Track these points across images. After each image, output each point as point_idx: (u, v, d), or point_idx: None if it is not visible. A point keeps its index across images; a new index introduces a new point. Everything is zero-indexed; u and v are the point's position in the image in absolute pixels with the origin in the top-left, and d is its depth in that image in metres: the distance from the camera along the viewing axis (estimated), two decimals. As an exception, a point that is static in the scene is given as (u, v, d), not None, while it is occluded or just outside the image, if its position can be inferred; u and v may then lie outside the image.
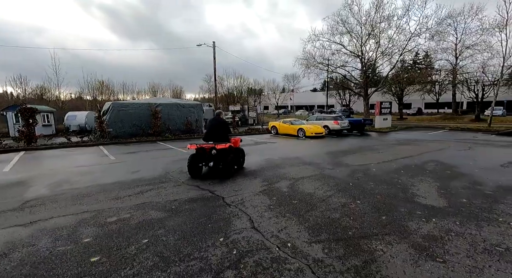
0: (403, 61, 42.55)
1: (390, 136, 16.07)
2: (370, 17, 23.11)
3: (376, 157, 8.94)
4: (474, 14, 28.11)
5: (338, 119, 18.22)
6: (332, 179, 5.99)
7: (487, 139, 13.92)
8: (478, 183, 5.53)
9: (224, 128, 6.70)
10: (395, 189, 5.14)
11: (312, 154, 9.86)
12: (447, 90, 37.37)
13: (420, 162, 8.01)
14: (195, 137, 16.56)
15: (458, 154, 9.41)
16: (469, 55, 31.77)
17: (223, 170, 6.26)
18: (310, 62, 26.17)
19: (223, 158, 6.25)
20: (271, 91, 69.67)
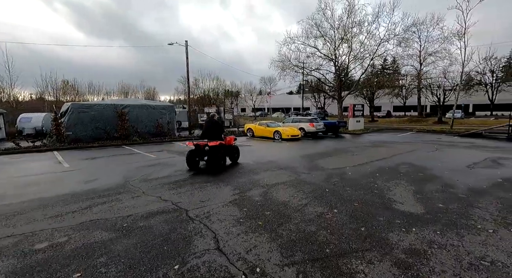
0: (373, 66, 44.68)
1: (364, 138, 16.40)
2: (343, 22, 23.74)
3: (351, 160, 8.85)
4: (435, 23, 30.18)
5: (313, 121, 18.28)
6: (308, 185, 5.66)
7: (450, 140, 14.69)
8: (450, 185, 5.52)
9: (217, 128, 7.75)
10: (372, 195, 4.91)
11: (288, 157, 9.56)
12: (413, 94, 39.72)
13: (394, 164, 8.03)
14: (167, 141, 15.60)
15: (427, 155, 9.66)
16: (432, 61, 34.11)
17: (214, 164, 7.32)
18: (286, 64, 26.27)
19: (215, 153, 7.29)
20: (248, 94, 69.56)
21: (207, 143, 7.21)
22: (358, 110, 22.84)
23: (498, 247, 2.90)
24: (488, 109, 43.42)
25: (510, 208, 4.17)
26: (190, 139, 16.92)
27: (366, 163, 8.26)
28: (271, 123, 18.27)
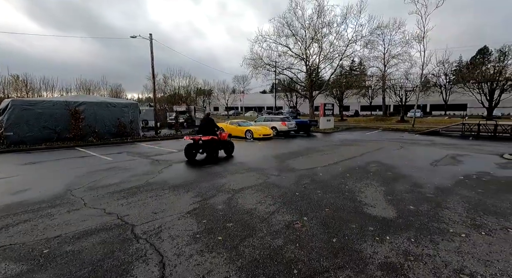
0: (342, 67, 46.40)
1: (334, 137, 16.62)
2: (313, 22, 24.02)
3: (322, 159, 8.69)
4: (397, 28, 32.02)
5: (285, 120, 18.15)
6: (278, 188, 5.26)
7: (413, 138, 15.45)
8: (418, 185, 5.49)
9: (211, 125, 8.85)
10: (343, 198, 4.64)
11: (259, 158, 9.13)
12: (378, 94, 41.85)
13: (363, 163, 7.99)
14: (129, 141, 14.33)
15: (393, 154, 9.87)
16: (395, 64, 36.19)
17: (208, 155, 8.74)
18: (258, 63, 25.96)
19: (208, 146, 8.57)
20: (221, 92, 68.37)
21: (201, 137, 8.38)
22: (328, 110, 23.27)
23: (473, 255, 2.71)
24: (443, 109, 47.44)
25: (476, 207, 4.14)
26: (156, 139, 15.83)
27: (336, 162, 8.13)
28: (242, 123, 17.77)
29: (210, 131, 8.69)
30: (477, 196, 4.69)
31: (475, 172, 6.71)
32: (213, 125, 8.91)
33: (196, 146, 8.69)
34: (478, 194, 4.84)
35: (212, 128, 8.84)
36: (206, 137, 8.36)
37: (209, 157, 8.72)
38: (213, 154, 8.73)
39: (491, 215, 3.79)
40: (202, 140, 8.37)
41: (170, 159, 8.91)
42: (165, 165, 7.94)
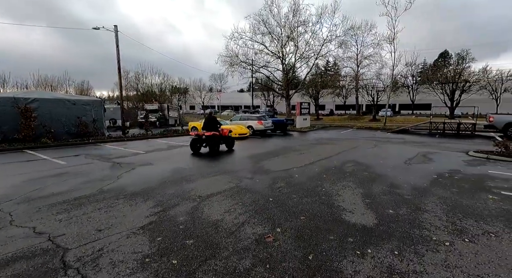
0: (318, 67, 47.27)
1: (310, 136, 16.55)
2: (289, 20, 23.90)
3: (298, 159, 8.37)
4: (369, 29, 33.16)
5: (262, 119, 17.76)
6: (250, 194, 4.77)
7: (385, 136, 15.85)
8: (395, 185, 5.31)
9: (214, 122, 9.78)
10: (320, 203, 4.28)
11: (233, 158, 8.60)
12: (352, 94, 43.14)
13: (339, 162, 7.79)
14: (91, 142, 13.01)
15: (368, 152, 9.87)
16: (367, 64, 37.55)
17: (210, 149, 9.62)
18: (234, 60, 25.31)
19: (211, 141, 9.49)
20: (198, 91, 66.52)
21: (204, 133, 9.52)
22: (304, 108, 23.31)
23: (462, 269, 2.43)
24: (410, 109, 50.26)
25: (454, 209, 3.99)
26: (122, 140, 14.59)
27: (313, 162, 7.84)
28: (217, 121, 17.08)
29: (212, 128, 9.69)
30: (453, 196, 4.58)
31: (447, 170, 6.77)
32: (216, 123, 9.85)
33: (200, 140, 9.82)
34: (453, 193, 4.75)
35: (215, 125, 9.78)
36: (209, 133, 9.46)
37: (212, 150, 9.65)
38: (214, 148, 9.68)
39: (469, 218, 3.63)
40: (205, 135, 9.51)
41: (134, 162, 8.07)
42: (127, 168, 7.11)
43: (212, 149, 9.66)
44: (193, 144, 9.75)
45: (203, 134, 9.58)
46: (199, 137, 9.77)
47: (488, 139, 13.89)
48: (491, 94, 36.99)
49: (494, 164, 7.72)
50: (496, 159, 8.50)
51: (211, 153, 9.41)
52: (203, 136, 9.62)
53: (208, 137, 9.50)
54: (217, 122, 9.92)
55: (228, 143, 10.61)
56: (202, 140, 9.79)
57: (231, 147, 10.71)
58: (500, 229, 3.26)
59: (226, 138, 10.48)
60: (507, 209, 3.95)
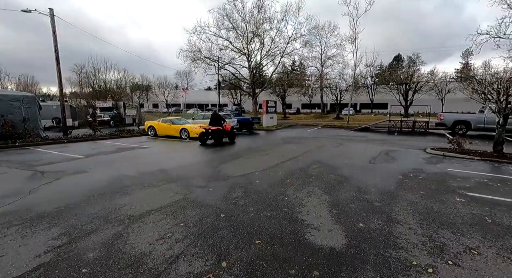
0: (285, 66, 47.70)
1: (276, 135, 16.08)
2: (254, 16, 23.26)
3: (262, 161, 7.67)
4: (332, 30, 34.10)
5: (226, 118, 16.81)
6: (198, 209, 3.89)
7: (348, 134, 16.03)
8: (363, 190, 4.86)
9: (218, 119, 11.56)
10: (281, 217, 3.57)
11: (188, 162, 7.58)
12: (317, 93, 44.24)
13: (305, 164, 7.27)
14: (18, 145, 10.85)
15: (333, 151, 9.59)
16: (330, 64, 38.72)
17: (215, 141, 11.43)
18: (197, 55, 23.92)
19: (215, 134, 11.33)
20: (163, 88, 62.74)
21: (210, 127, 11.33)
22: (271, 107, 22.90)
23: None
24: (370, 108, 53.34)
25: (427, 218, 3.58)
26: (61, 142, 12.51)
27: (277, 164, 7.20)
28: (177, 120, 15.73)
29: (217, 123, 11.46)
30: (422, 201, 4.23)
31: (410, 169, 6.62)
32: (220, 119, 11.61)
33: (207, 134, 11.63)
34: (422, 197, 4.42)
35: (219, 121, 11.55)
36: (214, 128, 11.32)
37: (216, 142, 11.36)
38: (219, 140, 11.33)
39: (445, 229, 3.22)
40: (211, 129, 11.40)
41: (65, 169, 6.62)
42: (50, 178, 5.71)
43: (217, 141, 11.36)
44: (202, 136, 11.63)
45: (209, 128, 11.47)
46: (206, 131, 11.61)
47: (440, 136, 14.77)
48: (437, 94, 40.71)
49: (450, 161, 7.87)
50: (451, 156, 8.76)
51: (216, 144, 11.14)
52: (209, 130, 11.53)
53: (213, 131, 11.39)
54: (222, 119, 11.68)
55: (230, 136, 12.26)
56: (208, 133, 11.61)
57: (233, 140, 12.39)
58: (480, 243, 2.87)
59: (228, 132, 12.17)
60: (478, 214, 3.66)
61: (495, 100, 8.60)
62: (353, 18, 20.44)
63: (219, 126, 11.42)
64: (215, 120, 11.57)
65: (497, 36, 16.07)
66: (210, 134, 11.64)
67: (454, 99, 40.18)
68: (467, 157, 8.45)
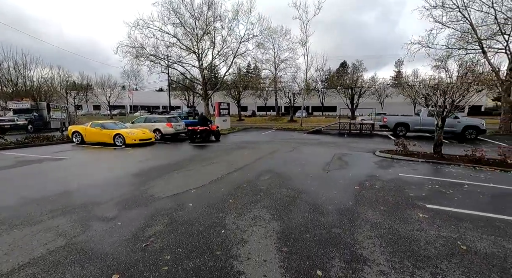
0: (239, 69, 47.05)
1: (229, 139, 14.95)
2: (204, 13, 21.82)
3: (204, 173, 6.45)
4: (284, 34, 34.64)
5: (172, 121, 15.03)
6: (78, 266, 2.51)
7: (302, 137, 15.81)
8: (318, 209, 4.05)
9: (205, 120, 13.68)
10: (208, 271, 2.44)
11: (109, 179, 5.92)
12: (272, 96, 44.57)
13: (255, 175, 6.30)
14: None
15: (287, 157, 8.88)
16: (283, 68, 39.36)
17: (202, 139, 13.25)
18: (140, 52, 21.36)
19: (203, 133, 13.24)
20: (104, 88, 55.90)
21: (198, 128, 13.33)
22: (224, 109, 21.68)
23: None
24: (320, 110, 56.09)
25: (395, 249, 2.87)
26: None
27: (221, 177, 6.07)
28: (112, 125, 13.42)
29: (204, 124, 13.19)
30: (385, 222, 3.57)
31: (364, 176, 6.18)
32: (207, 120, 13.51)
33: (196, 133, 13.18)
34: (383, 215, 3.78)
35: (206, 122, 13.35)
36: (202, 128, 13.08)
37: (204, 140, 13.09)
38: (206, 139, 13.11)
39: (422, 268, 2.50)
40: (199, 129, 13.10)
41: None
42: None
43: (204, 139, 13.16)
44: (191, 135, 13.29)
45: (198, 128, 13.18)
46: (195, 131, 13.23)
47: (384, 138, 15.52)
48: (378, 98, 44.71)
49: (399, 164, 7.80)
50: (398, 158, 8.81)
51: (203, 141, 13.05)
52: (198, 130, 13.20)
53: (201, 131, 13.16)
54: (208, 120, 13.81)
55: (216, 135, 14.14)
56: (197, 132, 13.22)
57: (218, 138, 14.25)
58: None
59: (214, 132, 13.98)
60: (448, 238, 3.09)
61: (434, 103, 8.95)
62: (303, 21, 20.67)
63: (206, 126, 13.30)
64: (203, 121, 13.52)
65: (427, 46, 17.82)
66: (199, 133, 13.29)
67: (392, 102, 44.66)
68: (412, 159, 8.57)
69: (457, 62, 17.94)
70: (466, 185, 5.46)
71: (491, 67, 16.50)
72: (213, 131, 13.85)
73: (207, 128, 13.24)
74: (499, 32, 15.79)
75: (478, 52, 17.08)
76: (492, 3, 15.17)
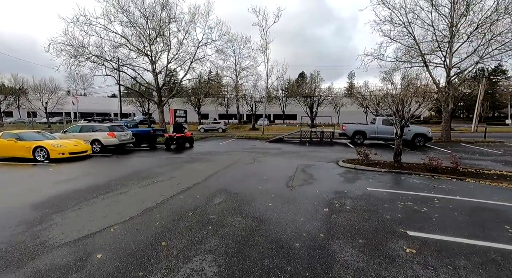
0: (200, 76, 45.29)
1: (184, 150, 13.40)
2: (157, 14, 20.10)
3: (139, 198, 5.03)
4: (245, 42, 34.41)
5: (115, 130, 12.96)
6: None
7: (264, 146, 15.02)
8: (283, 249, 3.04)
9: (180, 127, 14.35)
10: None
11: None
12: (233, 103, 43.72)
13: (205, 197, 5.11)
14: None
15: (246, 171, 7.87)
16: (245, 75, 39.02)
17: (178, 146, 13.84)
18: (80, 51, 18.57)
19: (179, 140, 13.84)
20: (40, 93, 48.51)
21: (175, 134, 13.99)
22: (180, 117, 19.92)
23: None
24: (282, 118, 56.97)
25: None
26: None
27: (162, 202, 4.74)
28: (31, 135, 10.90)
29: (180, 131, 14.17)
30: (369, 266, 2.72)
31: (332, 192, 5.45)
32: (182, 128, 14.55)
33: (172, 139, 14.11)
34: (364, 254, 2.94)
35: (181, 129, 14.35)
36: (178, 135, 13.97)
37: (179, 146, 13.88)
38: (181, 145, 13.99)
39: None
40: (176, 136, 13.97)
41: None
42: None
43: (179, 146, 13.78)
44: (167, 141, 14.00)
45: (174, 135, 13.95)
46: (171, 137, 13.99)
47: (344, 146, 15.58)
48: (334, 108, 47.02)
49: (364, 176, 7.35)
50: (362, 168, 8.46)
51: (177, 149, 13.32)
52: (174, 136, 13.92)
53: (177, 137, 13.83)
54: (183, 127, 14.53)
55: (190, 142, 14.82)
56: (173, 139, 13.93)
57: (192, 145, 14.98)
58: None
59: (189, 139, 14.65)
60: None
61: (394, 112, 8.90)
62: (263, 28, 20.36)
63: (181, 133, 13.97)
64: (178, 128, 14.24)
65: (378, 58, 18.83)
66: (175, 140, 13.95)
67: (346, 111, 47.37)
68: (376, 169, 8.27)
69: (401, 75, 19.40)
70: (436, 200, 5.06)
71: (433, 80, 18.04)
72: (187, 138, 14.61)
73: (183, 135, 13.94)
74: (438, 48, 17.37)
75: (421, 66, 18.59)
76: (432, 21, 16.66)
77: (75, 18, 18.17)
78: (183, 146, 14.01)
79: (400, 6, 16.70)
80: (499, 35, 15.82)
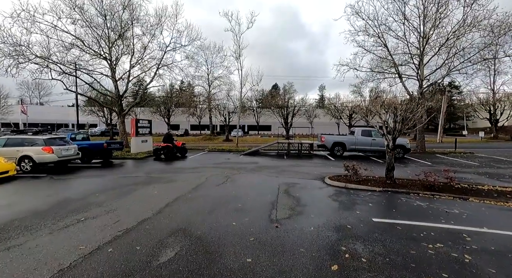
0: (172, 85, 42.92)
1: (143, 167, 11.26)
2: (119, 13, 18.02)
3: (33, 260, 3.11)
4: (217, 52, 33.17)
5: (54, 143, 10.48)
6: None
7: (238, 160, 13.41)
8: None
9: (170, 137, 14.33)
10: None
11: None
12: (206, 114, 41.69)
13: (149, 248, 3.35)
14: None
15: (217, 195, 6.18)
16: (218, 85, 37.54)
17: (166, 156, 13.90)
18: (20, 50, 15.64)
19: (167, 150, 13.89)
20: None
21: (160, 144, 14.09)
22: (144, 127, 17.62)
23: None
24: (256, 129, 55.95)
25: None
26: None
27: (70, 266, 2.89)
28: None
29: (169, 141, 14.08)
30: None
31: (332, 231, 4.01)
32: (171, 138, 14.50)
33: (160, 149, 14.12)
34: None
35: (171, 139, 14.31)
36: (165, 145, 13.89)
37: (167, 157, 13.87)
38: (168, 155, 13.91)
39: None
40: (161, 146, 13.99)
41: None
42: None
43: (167, 156, 13.92)
44: (156, 151, 14.48)
45: (161, 145, 14.04)
46: (160, 147, 14.12)
47: (324, 158, 14.55)
48: (308, 119, 47.20)
49: (359, 198, 6.09)
50: (353, 187, 7.26)
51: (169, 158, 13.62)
52: (161, 146, 14.08)
53: (163, 147, 13.99)
54: (171, 138, 14.49)
55: (181, 151, 14.99)
56: (161, 149, 14.07)
57: (185, 154, 15.22)
58: None
59: (180, 148, 14.87)
60: None
61: (385, 122, 7.92)
62: (236, 34, 19.22)
63: (170, 143, 13.96)
64: (168, 139, 14.14)
65: (354, 68, 18.57)
66: (162, 150, 13.95)
67: (319, 122, 47.73)
68: (369, 188, 7.10)
69: (368, 89, 19.37)
70: (466, 236, 3.86)
71: (406, 91, 18.11)
72: (178, 147, 14.55)
73: (169, 145, 13.88)
74: (410, 60, 17.54)
75: (395, 77, 18.67)
76: (404, 33, 16.82)
77: (16, 13, 15.40)
78: (169, 155, 13.90)
79: (374, 17, 16.68)
80: (463, 50, 16.37)
